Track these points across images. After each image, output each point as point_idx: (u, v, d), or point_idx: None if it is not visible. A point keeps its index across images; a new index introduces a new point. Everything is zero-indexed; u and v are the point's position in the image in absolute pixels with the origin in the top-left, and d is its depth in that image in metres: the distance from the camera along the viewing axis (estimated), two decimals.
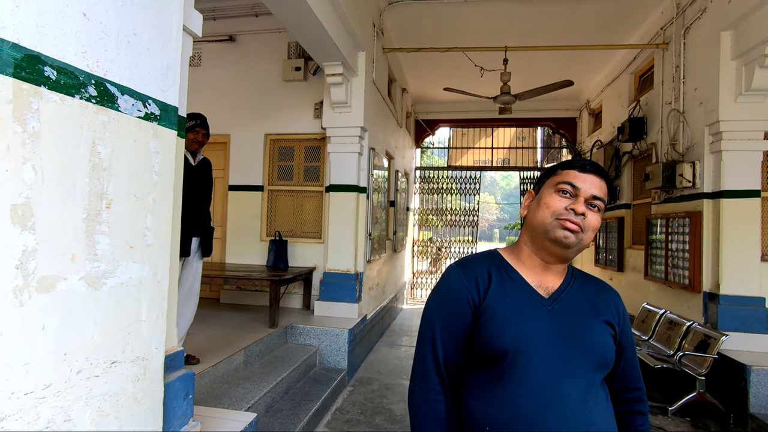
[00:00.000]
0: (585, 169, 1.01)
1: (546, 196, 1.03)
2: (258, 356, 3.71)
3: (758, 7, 3.57)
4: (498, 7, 5.25)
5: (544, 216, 1.01)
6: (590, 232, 0.99)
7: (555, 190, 1.02)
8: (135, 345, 1.44)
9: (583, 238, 0.99)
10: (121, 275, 1.37)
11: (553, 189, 1.02)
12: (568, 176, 1.02)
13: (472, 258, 1.11)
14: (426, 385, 1.02)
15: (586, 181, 1.00)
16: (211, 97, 5.46)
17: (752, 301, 3.87)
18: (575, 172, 1.02)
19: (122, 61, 1.34)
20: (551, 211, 1.00)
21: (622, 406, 1.07)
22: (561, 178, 1.02)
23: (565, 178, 1.01)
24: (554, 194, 1.02)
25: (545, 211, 1.01)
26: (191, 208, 3.02)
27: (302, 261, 5.24)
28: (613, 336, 1.03)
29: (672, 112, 4.73)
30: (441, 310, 1.05)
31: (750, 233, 3.93)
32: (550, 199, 1.02)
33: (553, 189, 1.02)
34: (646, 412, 1.09)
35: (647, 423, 1.08)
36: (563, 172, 1.03)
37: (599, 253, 7.17)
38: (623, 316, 1.07)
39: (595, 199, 0.99)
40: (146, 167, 1.47)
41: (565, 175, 1.02)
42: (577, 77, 7.13)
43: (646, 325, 4.83)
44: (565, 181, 1.01)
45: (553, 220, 0.99)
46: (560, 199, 1.00)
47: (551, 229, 0.99)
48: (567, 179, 1.01)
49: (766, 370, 3.48)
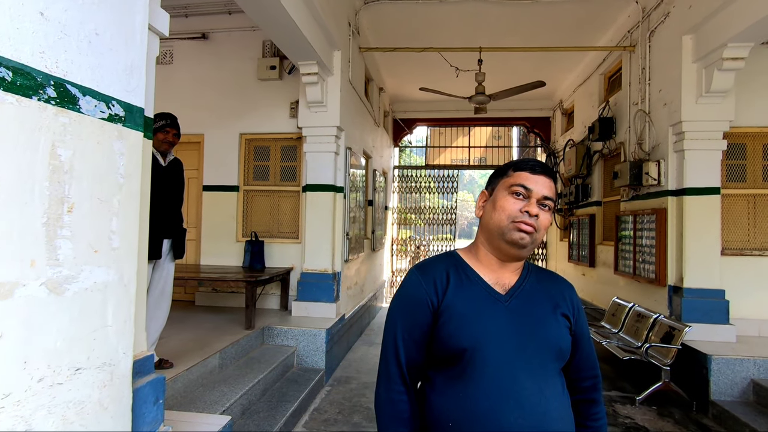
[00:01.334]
0: (536, 171, 1.05)
1: (500, 199, 1.06)
2: (234, 358, 3.67)
3: (716, 12, 3.74)
4: (473, 8, 5.32)
5: (500, 219, 1.04)
6: (542, 230, 1.04)
7: (509, 192, 1.05)
8: (101, 351, 1.41)
9: (536, 237, 1.03)
10: (85, 280, 1.34)
11: (507, 191, 1.06)
12: (520, 178, 1.05)
13: (431, 260, 1.14)
14: (389, 386, 1.05)
15: (537, 183, 1.04)
16: (184, 96, 5.35)
17: (713, 293, 4.05)
18: (526, 174, 1.05)
19: (83, 61, 1.31)
20: (507, 213, 1.04)
21: (579, 395, 1.12)
22: (513, 180, 1.06)
23: (518, 180, 1.05)
24: (508, 196, 1.05)
25: (501, 214, 1.04)
26: (162, 210, 2.97)
27: (279, 261, 5.20)
28: (569, 327, 1.08)
29: (638, 113, 4.91)
30: (402, 313, 1.08)
31: (711, 229, 4.11)
32: (504, 202, 1.05)
33: (507, 191, 1.06)
34: (601, 400, 1.14)
35: (602, 410, 1.14)
36: (515, 174, 1.06)
37: (572, 249, 7.36)
38: (577, 307, 1.12)
39: (545, 199, 1.04)
40: (111, 169, 1.44)
41: (517, 177, 1.05)
42: (550, 78, 7.30)
43: (616, 318, 5.00)
44: (517, 183, 1.04)
45: (509, 223, 1.03)
46: (514, 201, 1.04)
47: (507, 232, 1.03)
48: (519, 181, 1.04)
49: (726, 358, 3.65)
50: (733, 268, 4.28)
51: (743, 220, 4.45)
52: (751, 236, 4.44)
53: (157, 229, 2.89)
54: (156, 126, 2.97)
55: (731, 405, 3.53)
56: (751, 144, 4.48)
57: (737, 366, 3.64)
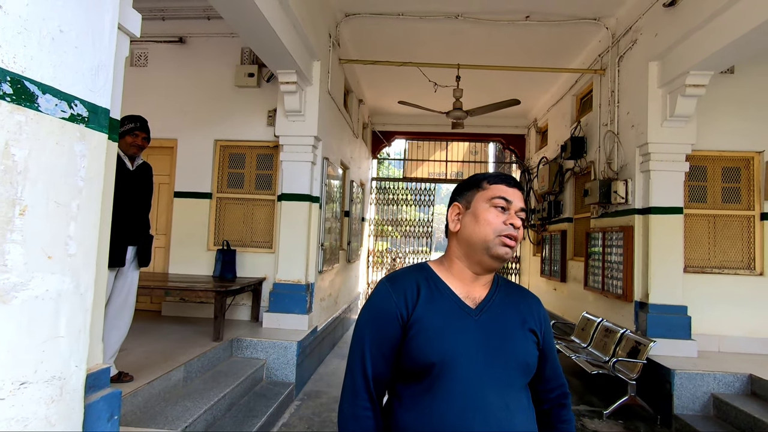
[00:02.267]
0: (511, 184, 1.07)
1: (483, 212, 1.05)
2: (200, 371, 3.53)
3: (679, 42, 3.94)
4: (452, 26, 5.44)
5: (486, 233, 1.03)
6: (520, 240, 1.06)
7: (490, 205, 1.04)
8: (51, 363, 1.33)
9: (515, 249, 1.05)
10: (35, 288, 1.26)
11: (488, 204, 1.05)
12: (500, 191, 1.05)
13: (401, 272, 1.12)
14: (354, 401, 1.02)
15: (515, 195, 1.05)
16: (158, 99, 5.23)
17: (676, 309, 4.19)
18: (504, 187, 1.06)
19: (45, 58, 1.26)
20: (492, 227, 1.03)
21: (548, 404, 1.13)
22: (493, 192, 1.05)
23: (498, 193, 1.05)
24: (491, 209, 1.04)
25: (486, 228, 1.03)
26: (128, 215, 2.87)
27: (251, 271, 5.08)
28: (536, 342, 1.08)
29: (608, 134, 5.09)
30: (370, 326, 1.05)
31: (674, 247, 4.27)
32: (488, 215, 1.04)
33: (488, 204, 1.05)
34: (569, 405, 1.16)
35: (571, 414, 1.15)
36: (493, 187, 1.06)
37: (544, 264, 7.51)
38: (545, 321, 1.13)
39: (521, 210, 1.05)
40: (70, 171, 1.37)
41: (496, 190, 1.05)
42: (526, 97, 7.51)
43: (585, 333, 5.10)
44: (498, 195, 1.04)
45: (495, 237, 1.02)
46: (498, 214, 1.04)
47: (494, 246, 1.03)
48: (500, 194, 1.04)
49: (688, 373, 3.77)
50: (694, 285, 4.44)
51: (704, 239, 4.65)
52: (711, 255, 4.64)
53: (122, 235, 2.79)
54: (124, 129, 2.89)
55: (693, 419, 3.63)
56: (711, 166, 4.71)
57: (698, 381, 3.76)
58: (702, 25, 3.64)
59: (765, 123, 4.59)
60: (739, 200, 4.67)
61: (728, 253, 4.63)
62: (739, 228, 4.64)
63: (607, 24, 5.19)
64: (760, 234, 4.58)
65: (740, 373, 3.78)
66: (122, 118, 2.91)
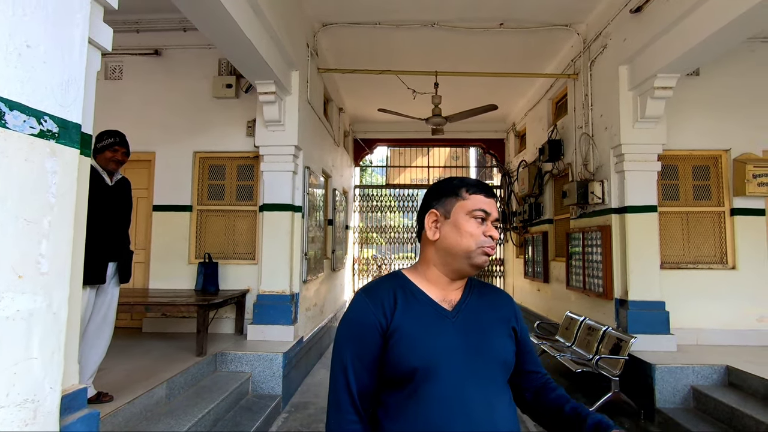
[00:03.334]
0: (489, 194, 1.10)
1: (463, 223, 1.07)
2: (183, 388, 3.46)
3: (646, 46, 4.09)
4: (428, 34, 5.53)
5: (468, 244, 1.05)
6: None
7: (471, 216, 1.07)
8: (23, 386, 1.29)
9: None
10: (6, 308, 1.23)
11: (469, 215, 1.07)
12: (480, 202, 1.07)
13: (376, 282, 1.13)
14: (340, 416, 1.01)
15: (491, 206, 1.09)
16: (134, 113, 5.15)
17: (654, 305, 4.30)
18: (482, 198, 1.08)
19: (11, 74, 1.24)
20: (474, 239, 1.06)
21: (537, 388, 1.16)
22: (474, 204, 1.07)
23: (479, 205, 1.07)
24: (471, 220, 1.07)
25: (468, 239, 1.06)
26: (107, 231, 2.82)
27: (234, 284, 5.02)
28: (513, 338, 1.11)
29: (583, 136, 5.22)
30: (350, 339, 1.05)
31: (650, 244, 4.38)
32: (469, 226, 1.06)
33: (469, 215, 1.07)
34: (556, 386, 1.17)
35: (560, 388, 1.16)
36: (473, 197, 1.08)
37: (527, 265, 7.61)
38: (518, 315, 1.17)
39: (496, 220, 1.10)
40: (41, 188, 1.35)
41: (476, 201, 1.07)
42: (503, 102, 7.65)
43: (569, 332, 5.18)
44: (478, 207, 1.07)
45: (476, 248, 1.06)
46: (478, 225, 1.07)
47: (475, 256, 1.06)
48: (480, 206, 1.07)
49: (668, 367, 3.86)
50: (671, 281, 4.56)
51: (678, 235, 4.79)
52: (686, 251, 4.78)
53: (102, 251, 2.74)
54: (103, 144, 2.87)
55: (674, 412, 3.71)
56: (681, 165, 4.87)
57: (678, 374, 3.85)
58: (667, 29, 3.79)
59: (730, 122, 4.78)
60: (710, 197, 4.84)
61: (701, 249, 4.78)
62: (711, 224, 4.80)
63: (578, 30, 5.35)
64: (730, 229, 4.74)
65: (718, 364, 3.88)
66: (101, 133, 2.87)
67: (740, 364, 3.82)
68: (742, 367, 3.74)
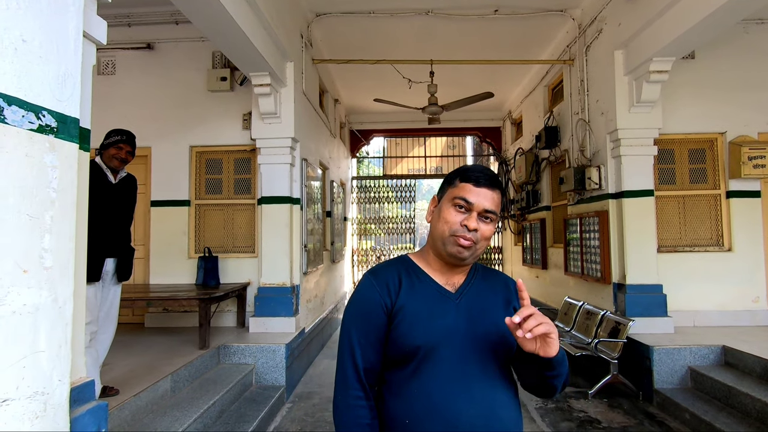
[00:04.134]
0: (479, 183, 1.06)
1: (444, 210, 1.08)
2: (187, 381, 3.49)
3: (641, 30, 4.08)
4: (422, 22, 5.49)
5: (443, 230, 1.07)
6: (483, 241, 1.07)
7: (452, 204, 1.07)
8: (32, 379, 1.30)
9: (477, 248, 1.06)
10: (12, 303, 1.24)
11: (451, 203, 1.07)
12: (463, 191, 1.06)
13: (383, 264, 1.17)
14: (347, 392, 1.04)
15: (479, 195, 1.05)
16: (128, 107, 5.12)
17: (652, 288, 4.35)
18: (470, 186, 1.06)
19: (8, 69, 1.23)
20: (449, 226, 1.06)
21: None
22: (457, 191, 1.07)
23: (461, 193, 1.06)
24: (451, 208, 1.07)
25: (444, 226, 1.07)
26: (106, 228, 2.82)
27: (235, 277, 5.04)
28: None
29: (579, 122, 5.22)
30: (357, 318, 1.09)
31: (647, 228, 4.42)
32: (447, 214, 1.07)
33: (451, 203, 1.07)
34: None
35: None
36: (461, 185, 1.08)
37: (526, 252, 7.66)
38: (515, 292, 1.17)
39: (487, 212, 1.05)
40: (41, 183, 1.35)
41: (461, 189, 1.07)
42: (499, 89, 7.63)
43: (567, 317, 5.23)
44: (460, 196, 1.06)
45: (449, 235, 1.06)
46: (456, 213, 1.06)
47: (448, 244, 1.06)
48: (462, 194, 1.06)
49: (666, 349, 3.91)
50: (668, 264, 4.61)
51: (675, 219, 4.83)
52: (683, 234, 4.82)
53: (99, 248, 2.73)
54: (109, 141, 2.86)
55: (672, 392, 3.77)
56: (678, 149, 4.88)
57: (676, 355, 3.91)
58: (661, 13, 3.78)
59: (726, 105, 4.79)
60: (706, 180, 4.87)
61: (698, 232, 4.82)
62: (707, 207, 4.84)
63: (574, 15, 5.32)
64: (726, 211, 4.78)
65: (714, 345, 3.94)
66: (109, 131, 2.88)
67: (736, 344, 3.88)
68: (738, 347, 3.80)
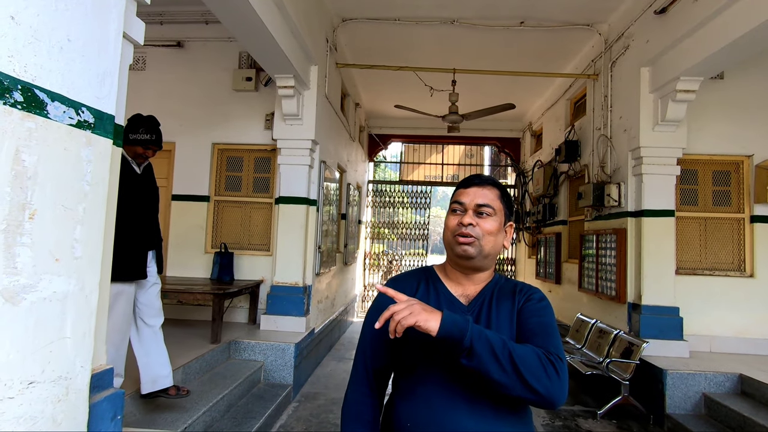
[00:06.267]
0: (468, 185, 1.16)
1: (446, 218, 1.18)
2: (198, 374, 3.56)
3: (670, 48, 4.02)
4: (447, 31, 5.51)
5: (447, 236, 1.16)
6: (487, 236, 1.11)
7: (450, 210, 1.17)
8: (57, 364, 1.36)
9: (482, 244, 1.11)
10: (43, 289, 1.30)
11: (449, 211, 1.18)
12: (456, 195, 1.17)
13: (405, 273, 1.26)
14: (356, 388, 1.16)
15: (468, 195, 1.14)
16: (155, 103, 5.25)
17: (668, 310, 4.26)
18: (461, 190, 1.16)
19: (53, 66, 1.29)
20: (450, 230, 1.15)
21: None
22: (453, 198, 1.18)
23: (454, 198, 1.17)
24: (449, 215, 1.17)
25: (447, 232, 1.16)
26: (142, 221, 2.74)
27: (249, 274, 5.11)
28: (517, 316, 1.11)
29: (601, 137, 5.17)
30: (373, 321, 1.13)
31: (666, 249, 4.34)
32: (447, 220, 1.17)
33: (449, 211, 1.18)
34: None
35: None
36: (455, 193, 1.18)
37: (539, 266, 7.57)
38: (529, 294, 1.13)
39: (480, 206, 1.12)
40: (77, 176, 1.41)
41: (455, 195, 1.18)
42: (521, 101, 7.59)
43: (579, 334, 5.16)
44: (453, 200, 1.17)
45: (452, 237, 1.13)
46: (453, 217, 1.15)
47: (454, 246, 1.13)
48: (454, 198, 1.17)
49: (680, 373, 3.83)
50: (686, 287, 4.52)
51: (695, 241, 4.73)
52: (703, 257, 4.72)
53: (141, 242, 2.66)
54: (138, 138, 2.69)
55: (685, 418, 3.69)
56: (701, 170, 4.79)
57: (690, 380, 3.82)
58: (692, 32, 3.72)
59: (754, 127, 4.68)
60: (730, 203, 4.76)
61: (719, 255, 4.71)
62: (730, 230, 4.73)
63: (600, 30, 5.28)
64: (750, 236, 4.66)
65: (731, 372, 3.84)
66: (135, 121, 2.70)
67: (754, 373, 3.78)
68: (755, 376, 3.70)
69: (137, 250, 2.64)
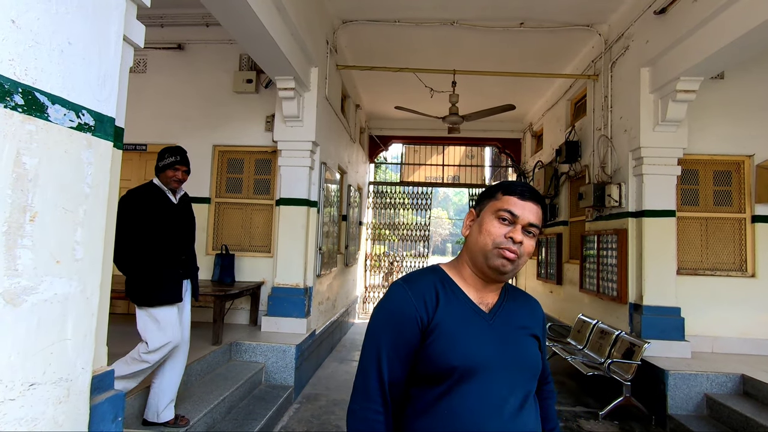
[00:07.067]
0: (524, 197, 1.05)
1: (487, 222, 1.06)
2: (199, 375, 3.56)
3: (670, 48, 4.02)
4: (447, 32, 5.52)
5: (485, 243, 1.04)
6: (525, 257, 1.04)
7: (495, 216, 1.05)
8: (58, 365, 1.36)
9: (519, 263, 1.04)
10: (44, 291, 1.30)
11: (494, 215, 1.05)
12: (508, 203, 1.04)
13: (416, 274, 1.12)
14: (366, 404, 1.00)
15: (524, 209, 1.04)
16: (156, 105, 5.28)
17: (670, 311, 4.25)
18: (515, 199, 1.04)
19: (54, 70, 1.30)
20: (492, 238, 1.03)
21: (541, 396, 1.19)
22: (501, 204, 1.05)
23: (505, 205, 1.04)
24: (494, 220, 1.05)
25: (486, 238, 1.04)
26: (179, 250, 2.80)
27: (250, 275, 5.12)
28: (539, 345, 1.12)
29: (601, 138, 5.17)
30: (387, 328, 1.04)
31: (667, 249, 4.33)
32: (490, 226, 1.05)
33: (494, 215, 1.05)
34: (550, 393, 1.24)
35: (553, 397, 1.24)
36: (504, 198, 1.06)
37: (541, 267, 7.57)
38: (544, 324, 1.19)
39: (531, 226, 1.04)
40: (77, 178, 1.41)
41: (505, 202, 1.05)
42: (521, 101, 7.60)
43: (581, 335, 5.15)
44: (504, 208, 1.04)
45: (493, 248, 1.03)
46: (500, 226, 1.04)
47: (491, 257, 1.03)
48: (507, 206, 1.04)
49: (681, 374, 3.82)
50: (687, 287, 4.51)
51: (696, 241, 4.72)
52: (704, 257, 4.71)
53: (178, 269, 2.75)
54: (165, 163, 2.73)
55: (687, 419, 3.68)
56: (702, 170, 4.79)
57: (692, 381, 3.81)
58: (692, 32, 3.73)
59: (755, 127, 4.68)
60: (731, 203, 4.75)
61: (720, 255, 4.70)
62: (731, 230, 4.72)
63: (600, 30, 5.28)
64: (751, 236, 4.66)
65: (733, 373, 3.83)
66: (162, 150, 2.77)
67: (756, 374, 3.77)
68: (758, 377, 3.69)
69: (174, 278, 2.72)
